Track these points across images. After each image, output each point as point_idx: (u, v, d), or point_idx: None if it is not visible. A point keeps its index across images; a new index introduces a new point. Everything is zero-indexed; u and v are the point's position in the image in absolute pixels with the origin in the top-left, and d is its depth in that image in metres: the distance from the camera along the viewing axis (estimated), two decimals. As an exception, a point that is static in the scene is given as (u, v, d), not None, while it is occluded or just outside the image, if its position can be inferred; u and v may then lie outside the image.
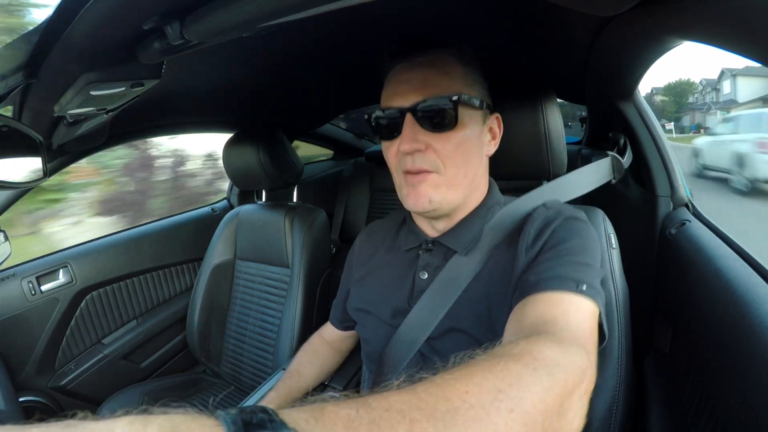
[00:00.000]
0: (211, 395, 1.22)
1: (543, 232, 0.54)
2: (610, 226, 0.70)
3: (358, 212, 1.84)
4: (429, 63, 0.57)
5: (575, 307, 0.44)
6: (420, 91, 0.55)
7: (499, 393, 0.27)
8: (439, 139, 0.56)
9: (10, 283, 1.12)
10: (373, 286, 0.69)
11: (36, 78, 0.59)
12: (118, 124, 0.95)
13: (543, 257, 0.51)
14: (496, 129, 0.64)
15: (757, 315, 0.50)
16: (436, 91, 0.55)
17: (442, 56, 0.57)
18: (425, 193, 0.57)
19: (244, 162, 1.21)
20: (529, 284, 0.48)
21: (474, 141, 0.59)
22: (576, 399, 0.33)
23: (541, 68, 1.08)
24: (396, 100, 0.57)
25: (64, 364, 1.21)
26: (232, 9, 0.42)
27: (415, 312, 0.60)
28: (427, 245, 0.64)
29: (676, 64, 32.93)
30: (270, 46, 0.83)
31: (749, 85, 19.40)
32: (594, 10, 0.48)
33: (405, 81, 0.57)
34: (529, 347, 0.34)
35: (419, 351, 0.60)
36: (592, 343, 0.42)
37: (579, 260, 0.49)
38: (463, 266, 0.59)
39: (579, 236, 0.53)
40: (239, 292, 1.31)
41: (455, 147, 0.56)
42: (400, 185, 0.61)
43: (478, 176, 0.62)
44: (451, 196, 0.58)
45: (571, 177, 0.68)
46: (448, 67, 0.57)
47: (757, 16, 0.34)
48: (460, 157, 0.57)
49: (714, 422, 0.54)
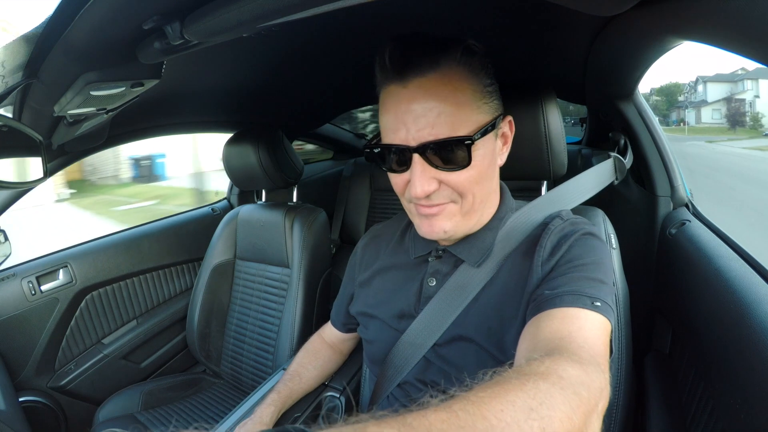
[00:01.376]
0: (210, 395, 1.22)
1: (559, 247, 0.53)
2: (610, 226, 0.70)
3: (358, 212, 1.84)
4: (431, 88, 0.48)
5: (590, 324, 0.44)
6: (425, 128, 0.48)
7: (531, 411, 0.28)
8: (451, 174, 0.51)
9: (10, 283, 1.12)
10: (377, 289, 0.68)
11: (36, 78, 0.59)
12: (118, 124, 0.95)
13: (558, 272, 0.51)
14: (508, 133, 0.59)
15: (757, 315, 0.50)
16: (444, 129, 0.48)
17: (444, 73, 0.49)
18: (440, 225, 0.54)
19: (244, 162, 1.21)
20: (544, 299, 0.48)
21: (488, 164, 0.55)
22: (595, 418, 0.34)
23: (541, 68, 1.08)
24: (399, 136, 0.50)
25: (64, 364, 1.21)
26: (232, 9, 0.42)
27: (422, 318, 0.60)
28: (438, 252, 0.63)
29: (669, 65, 40.82)
30: (270, 46, 0.83)
31: (716, 89, 29.31)
32: (594, 10, 0.48)
33: (405, 113, 0.49)
34: (555, 366, 0.34)
35: (424, 357, 0.60)
36: (606, 361, 0.42)
37: (594, 277, 0.49)
38: (474, 275, 0.58)
39: (594, 253, 0.52)
40: (239, 292, 1.31)
41: (471, 180, 0.52)
42: (412, 214, 0.58)
43: (492, 192, 0.60)
44: (466, 222, 0.56)
45: (576, 181, 0.68)
46: (454, 92, 0.49)
47: (757, 16, 0.34)
48: (476, 186, 0.54)
49: (714, 422, 0.54)
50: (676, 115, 30.56)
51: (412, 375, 0.61)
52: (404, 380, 0.62)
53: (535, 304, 0.49)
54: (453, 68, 0.49)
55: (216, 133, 1.52)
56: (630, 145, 0.91)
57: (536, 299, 0.50)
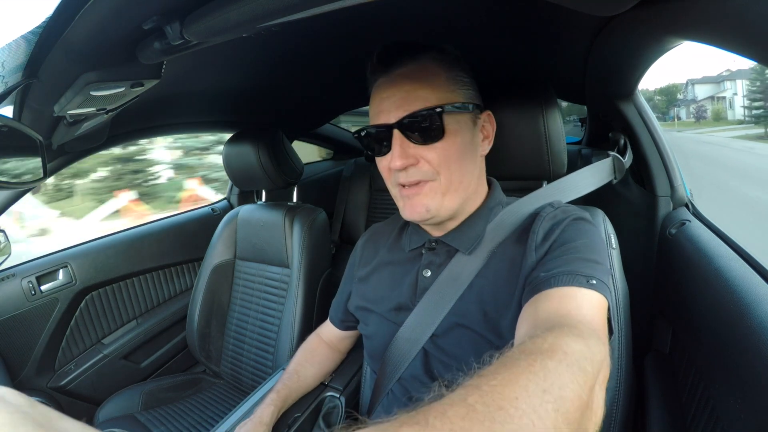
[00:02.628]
0: (211, 395, 1.22)
1: (552, 232, 0.55)
2: (610, 226, 0.70)
3: (358, 212, 1.84)
4: (409, 74, 0.56)
5: (588, 301, 0.45)
6: (403, 106, 0.55)
7: (544, 394, 0.28)
8: (429, 150, 0.56)
9: (10, 283, 1.12)
10: (375, 284, 0.70)
11: (36, 78, 0.59)
12: (118, 124, 0.95)
13: (552, 255, 0.52)
14: (488, 127, 0.64)
15: (757, 315, 0.50)
16: (419, 104, 0.54)
17: (422, 65, 0.57)
18: (421, 203, 0.57)
19: (244, 162, 1.21)
20: (540, 281, 0.49)
21: (466, 145, 0.58)
22: (598, 389, 0.35)
23: (541, 68, 1.08)
24: (381, 117, 0.57)
25: (64, 364, 1.21)
26: (232, 9, 0.42)
27: (419, 309, 0.61)
28: (431, 244, 0.65)
29: (669, 66, 45.20)
30: (270, 46, 0.83)
31: (703, 89, 41.17)
32: (594, 10, 0.48)
33: (387, 98, 0.56)
34: (558, 342, 0.35)
35: (423, 348, 0.60)
36: (605, 334, 0.44)
37: (588, 257, 0.50)
38: (467, 263, 0.59)
39: (587, 236, 0.54)
40: (239, 292, 1.31)
41: (446, 155, 0.56)
42: (397, 198, 0.62)
43: (474, 178, 0.62)
44: (447, 202, 0.58)
45: (572, 178, 0.68)
46: (429, 76, 0.56)
47: (757, 16, 0.34)
48: (454, 164, 0.57)
49: (714, 422, 0.54)
50: (673, 112, 42.73)
51: (411, 369, 0.61)
52: (404, 375, 0.62)
53: (531, 287, 0.50)
54: (429, 62, 0.57)
55: (216, 132, 1.52)
56: (630, 145, 0.91)
57: (532, 282, 0.51)
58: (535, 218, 0.58)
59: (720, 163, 14.46)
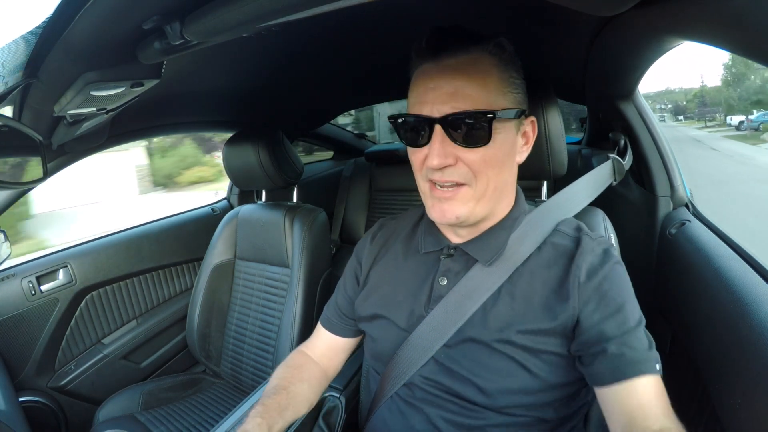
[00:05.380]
0: (211, 395, 1.22)
1: (595, 273, 0.54)
2: (610, 226, 0.70)
3: (358, 212, 1.84)
4: (459, 67, 0.51)
5: (660, 389, 0.50)
6: (450, 102, 0.51)
7: None
8: (469, 152, 0.52)
9: (10, 283, 1.12)
10: (388, 289, 0.66)
11: (36, 78, 0.58)
12: (118, 124, 0.95)
13: (604, 312, 0.52)
14: (530, 133, 0.60)
15: (757, 315, 0.50)
16: (468, 104, 0.50)
17: (475, 57, 0.52)
18: (452, 210, 0.55)
19: (244, 162, 1.21)
20: (615, 364, 0.50)
21: (507, 152, 0.56)
22: None
23: (541, 68, 1.08)
24: (424, 108, 0.52)
25: (64, 364, 1.21)
26: (232, 9, 0.42)
27: (431, 318, 0.59)
28: (449, 251, 0.62)
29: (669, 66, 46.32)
30: (270, 46, 0.83)
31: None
32: (594, 10, 0.48)
33: (433, 88, 0.52)
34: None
35: (433, 357, 0.59)
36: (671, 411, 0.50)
37: (638, 321, 0.52)
38: (486, 277, 0.57)
39: (628, 289, 0.55)
40: (239, 292, 1.31)
41: (487, 160, 0.53)
42: (425, 194, 0.58)
43: (507, 186, 0.59)
44: (479, 210, 0.56)
45: (577, 185, 0.68)
46: (481, 74, 0.52)
47: (756, 16, 0.34)
48: (492, 170, 0.54)
49: (714, 422, 0.54)
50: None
51: (419, 375, 0.60)
52: (410, 380, 0.60)
53: (602, 363, 0.50)
54: (483, 56, 0.53)
55: (216, 132, 1.52)
56: (630, 146, 0.91)
57: (590, 347, 0.52)
58: (577, 248, 0.56)
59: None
